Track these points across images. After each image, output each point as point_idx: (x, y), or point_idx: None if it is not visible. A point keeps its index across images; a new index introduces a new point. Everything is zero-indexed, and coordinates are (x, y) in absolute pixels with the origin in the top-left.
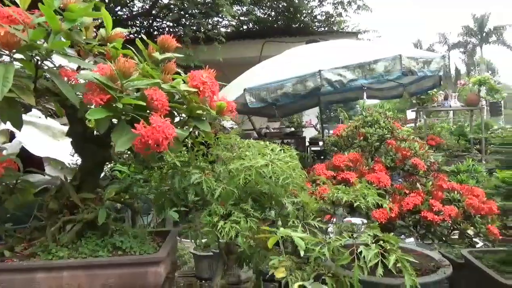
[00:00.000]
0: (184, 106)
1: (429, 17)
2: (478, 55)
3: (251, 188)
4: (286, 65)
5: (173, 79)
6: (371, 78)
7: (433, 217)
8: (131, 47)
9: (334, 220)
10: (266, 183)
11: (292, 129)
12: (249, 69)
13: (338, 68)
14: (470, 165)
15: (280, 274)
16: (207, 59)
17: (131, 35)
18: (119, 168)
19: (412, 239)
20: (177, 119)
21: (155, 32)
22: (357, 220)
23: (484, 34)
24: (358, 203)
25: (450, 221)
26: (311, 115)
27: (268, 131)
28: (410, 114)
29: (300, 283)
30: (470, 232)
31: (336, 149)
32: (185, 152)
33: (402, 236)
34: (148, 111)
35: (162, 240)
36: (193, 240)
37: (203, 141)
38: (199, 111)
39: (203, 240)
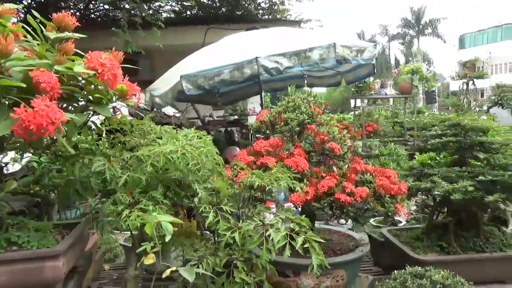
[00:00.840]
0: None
1: (371, 8)
2: (416, 46)
3: (163, 175)
4: (224, 52)
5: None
6: (307, 66)
7: (346, 198)
8: (28, 27)
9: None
10: (178, 170)
11: (236, 117)
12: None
13: (274, 55)
14: (392, 148)
15: (149, 260)
16: (147, 45)
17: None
18: (33, 159)
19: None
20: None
21: (92, 15)
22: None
23: (420, 27)
24: (270, 187)
25: (361, 201)
26: (255, 103)
27: (211, 119)
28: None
29: (174, 268)
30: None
31: (259, 134)
32: (95, 139)
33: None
34: (37, 94)
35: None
36: (99, 231)
37: (118, 128)
38: (98, 95)
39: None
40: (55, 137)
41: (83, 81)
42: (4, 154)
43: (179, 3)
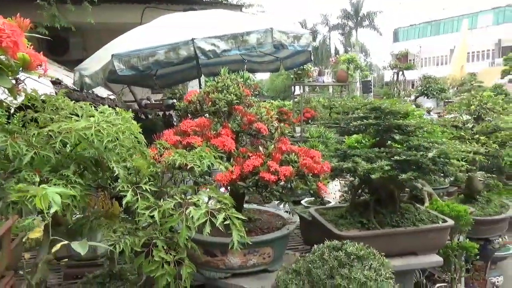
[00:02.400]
0: None
1: None
2: (354, 37)
3: (77, 153)
4: (159, 32)
5: None
6: (244, 49)
7: (270, 177)
8: None
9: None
10: (93, 148)
11: (175, 100)
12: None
13: (211, 37)
14: (322, 132)
15: (35, 234)
16: (79, 22)
17: None
18: None
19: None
20: None
21: None
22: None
23: (359, 18)
24: (192, 165)
25: (284, 180)
26: (195, 87)
27: (149, 102)
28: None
29: (64, 242)
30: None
31: (187, 115)
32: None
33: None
34: None
35: None
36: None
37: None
38: None
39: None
40: None
41: None
42: None
43: None
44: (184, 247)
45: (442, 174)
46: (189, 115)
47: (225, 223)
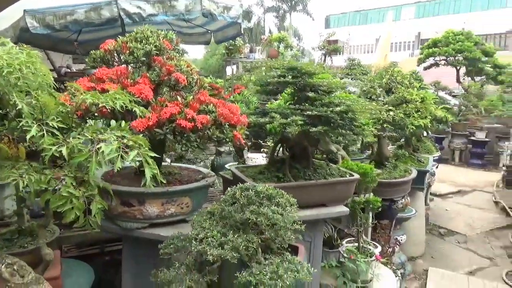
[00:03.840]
0: None
1: None
2: (288, 21)
3: None
4: None
5: None
6: (172, 15)
7: (186, 124)
8: None
9: None
10: None
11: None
12: None
13: None
14: (245, 95)
15: None
16: None
17: None
18: None
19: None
20: None
21: None
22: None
23: (293, 2)
24: (104, 104)
25: (201, 128)
26: None
27: (69, 70)
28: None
29: None
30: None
31: (103, 64)
32: None
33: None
34: None
35: None
36: None
37: None
38: None
39: None
40: None
41: None
42: None
43: None
44: (95, 184)
45: (351, 132)
46: (105, 64)
47: (137, 159)
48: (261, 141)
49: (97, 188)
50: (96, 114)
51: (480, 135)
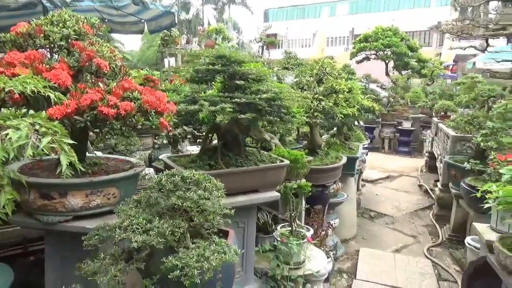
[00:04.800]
0: None
1: None
2: (227, 14)
3: None
4: None
5: None
6: (99, 2)
7: (109, 111)
8: None
9: None
10: None
11: None
12: None
13: None
14: (177, 85)
15: None
16: None
17: None
18: None
19: None
20: None
21: None
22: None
23: None
24: (12, 88)
25: (125, 115)
26: None
27: None
28: None
29: None
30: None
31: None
32: None
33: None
34: None
35: None
36: None
37: None
38: None
39: None
40: None
41: None
42: None
43: None
44: (4, 175)
45: (280, 119)
46: (17, 49)
47: (52, 145)
48: (196, 132)
49: (7, 178)
50: (7, 101)
51: (406, 125)
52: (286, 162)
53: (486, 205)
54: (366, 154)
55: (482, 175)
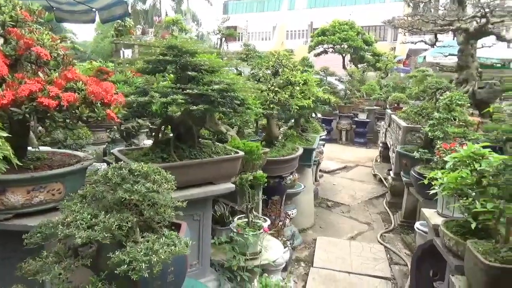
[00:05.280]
0: None
1: None
2: (186, 5)
3: None
4: None
5: None
6: None
7: (49, 102)
8: None
9: None
10: None
11: None
12: None
13: None
14: (129, 77)
15: None
16: None
17: None
18: None
19: None
20: None
21: None
22: None
23: None
24: None
25: (68, 106)
26: None
27: None
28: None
29: None
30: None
31: None
32: None
33: None
34: None
35: None
36: None
37: None
38: None
39: None
40: None
41: None
42: None
43: None
44: None
45: (233, 110)
46: None
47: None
48: (151, 125)
49: None
50: None
51: (362, 116)
52: (241, 153)
53: (432, 192)
54: (323, 145)
55: (430, 164)
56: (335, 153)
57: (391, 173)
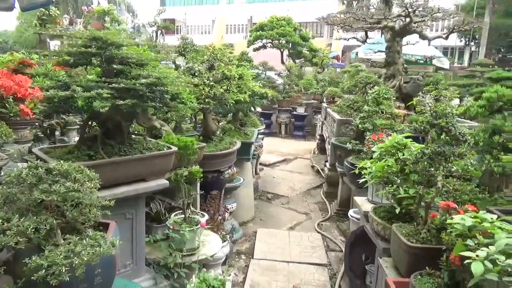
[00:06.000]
0: None
1: None
2: None
3: None
4: None
5: None
6: None
7: None
8: None
9: None
10: None
11: None
12: None
13: None
14: (49, 68)
15: None
16: None
17: None
18: None
19: None
20: None
21: None
22: None
23: None
24: None
25: None
26: None
27: None
28: None
29: None
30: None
31: None
32: None
33: None
34: None
35: None
36: None
37: None
38: None
39: None
40: None
41: None
42: None
43: None
44: None
45: (164, 105)
46: None
47: None
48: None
49: None
50: None
51: (300, 110)
52: (174, 149)
53: (362, 180)
54: (262, 139)
55: (361, 154)
56: (275, 147)
57: (327, 164)
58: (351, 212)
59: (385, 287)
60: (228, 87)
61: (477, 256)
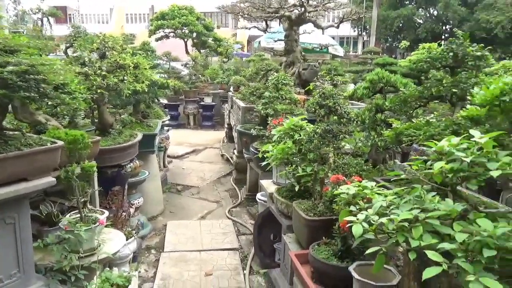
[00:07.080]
0: None
1: None
2: None
3: None
4: None
5: None
6: None
7: None
8: None
9: None
10: None
11: None
12: None
13: None
14: None
15: None
16: None
17: None
18: None
19: None
20: None
21: None
22: None
23: None
24: None
25: None
26: None
27: None
28: None
29: None
30: None
31: None
32: None
33: None
34: None
35: None
36: None
37: None
38: None
39: None
40: None
41: None
42: None
43: None
44: None
45: (42, 96)
46: None
47: None
48: None
49: None
50: None
51: (208, 100)
52: (59, 143)
53: (264, 163)
54: (168, 131)
55: (264, 139)
56: (183, 138)
57: (235, 151)
58: (258, 196)
59: (290, 261)
60: (124, 77)
61: (357, 219)
